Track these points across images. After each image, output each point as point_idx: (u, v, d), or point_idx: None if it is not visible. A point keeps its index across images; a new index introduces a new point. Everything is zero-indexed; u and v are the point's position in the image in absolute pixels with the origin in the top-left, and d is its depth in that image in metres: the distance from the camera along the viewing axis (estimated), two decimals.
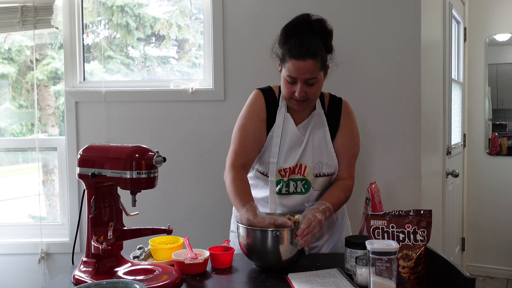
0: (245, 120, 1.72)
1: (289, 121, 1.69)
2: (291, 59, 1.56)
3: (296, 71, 1.56)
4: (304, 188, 1.70)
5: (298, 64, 1.55)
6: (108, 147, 1.45)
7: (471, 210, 3.95)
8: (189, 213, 2.55)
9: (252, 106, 1.72)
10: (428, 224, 1.34)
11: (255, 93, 1.75)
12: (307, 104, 1.66)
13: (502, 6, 3.79)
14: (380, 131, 2.47)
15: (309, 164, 1.68)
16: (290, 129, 1.69)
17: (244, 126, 1.70)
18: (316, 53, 1.56)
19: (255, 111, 1.71)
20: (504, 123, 3.93)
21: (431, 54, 2.71)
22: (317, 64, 1.57)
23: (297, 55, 1.55)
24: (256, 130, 1.69)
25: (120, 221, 1.50)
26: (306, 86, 1.59)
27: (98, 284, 1.24)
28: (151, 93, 2.54)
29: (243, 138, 1.69)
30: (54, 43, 2.75)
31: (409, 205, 2.27)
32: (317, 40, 1.59)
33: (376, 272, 1.19)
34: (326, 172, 1.70)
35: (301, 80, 1.58)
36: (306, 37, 1.58)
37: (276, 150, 1.67)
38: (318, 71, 1.59)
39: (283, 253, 1.44)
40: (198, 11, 2.62)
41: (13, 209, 2.78)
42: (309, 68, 1.56)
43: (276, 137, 1.68)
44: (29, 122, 2.81)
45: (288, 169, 1.67)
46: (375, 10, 2.45)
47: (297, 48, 1.55)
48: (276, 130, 1.69)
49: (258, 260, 1.50)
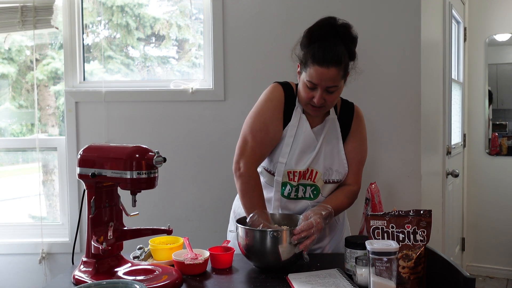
0: (265, 116, 1.64)
1: (304, 123, 1.65)
2: (314, 65, 1.51)
3: (318, 78, 1.52)
4: (313, 194, 1.67)
5: (321, 71, 1.50)
6: (108, 147, 1.45)
7: (471, 210, 3.95)
8: (189, 213, 2.55)
9: (272, 101, 1.65)
10: (428, 224, 1.34)
11: (274, 86, 1.68)
12: (323, 110, 1.63)
13: (502, 6, 3.79)
14: (380, 131, 2.47)
15: (320, 170, 1.65)
16: (305, 132, 1.64)
17: (265, 123, 1.63)
18: (340, 60, 1.51)
19: (276, 107, 1.64)
20: (504, 123, 3.93)
21: (431, 54, 2.71)
22: (340, 72, 1.53)
23: (321, 62, 1.50)
24: (276, 129, 1.64)
25: (120, 221, 1.50)
26: (325, 93, 1.55)
27: (98, 284, 1.24)
28: (151, 93, 2.54)
29: (263, 136, 1.62)
30: (54, 43, 2.75)
31: (409, 205, 2.27)
32: (341, 46, 1.53)
33: (376, 272, 1.19)
34: (335, 179, 1.68)
35: (322, 87, 1.53)
36: (330, 42, 1.52)
37: (286, 151, 1.63)
38: (340, 79, 1.55)
39: (282, 254, 1.43)
40: (198, 11, 2.63)
41: (13, 209, 2.78)
42: (332, 76, 1.51)
43: (289, 137, 1.64)
44: (29, 122, 2.81)
45: (298, 172, 1.64)
46: (375, 10, 2.45)
47: (321, 54, 1.50)
48: (290, 130, 1.64)
49: (257, 261, 1.50)
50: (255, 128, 1.63)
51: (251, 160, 1.62)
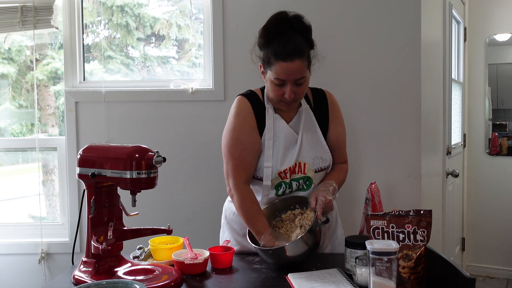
0: (237, 132, 1.64)
1: (279, 122, 1.66)
2: (278, 62, 1.52)
3: (285, 73, 1.53)
4: (306, 185, 1.69)
5: (286, 65, 1.51)
6: (108, 147, 1.45)
7: (471, 210, 3.95)
8: (189, 213, 2.55)
9: (240, 115, 1.65)
10: (428, 224, 1.34)
11: (239, 100, 1.68)
12: (295, 103, 1.64)
13: (502, 6, 3.79)
14: (380, 131, 2.47)
15: (307, 161, 1.66)
16: (283, 129, 1.65)
17: (238, 139, 1.63)
18: (302, 51, 1.53)
19: (245, 120, 1.64)
20: (504, 123, 3.93)
21: (431, 54, 2.71)
22: (304, 63, 1.54)
23: (284, 57, 1.51)
24: (251, 140, 1.63)
25: (120, 221, 1.50)
26: (295, 86, 1.56)
27: (98, 284, 1.24)
28: (151, 93, 2.54)
29: (240, 152, 1.62)
30: (54, 43, 2.75)
31: (409, 205, 2.27)
32: (299, 37, 1.55)
33: (376, 272, 1.19)
34: (323, 166, 1.70)
35: (291, 81, 1.54)
36: (288, 35, 1.54)
37: (269, 154, 1.63)
38: (306, 69, 1.56)
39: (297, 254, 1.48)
40: (198, 11, 2.62)
41: (13, 209, 2.78)
42: (298, 68, 1.53)
43: (269, 140, 1.64)
44: (29, 122, 2.81)
45: (288, 169, 1.64)
46: (375, 10, 2.45)
47: (282, 49, 1.51)
48: (268, 133, 1.64)
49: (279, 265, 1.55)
50: (231, 146, 1.64)
51: (237, 178, 1.62)
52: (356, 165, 1.97)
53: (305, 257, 1.50)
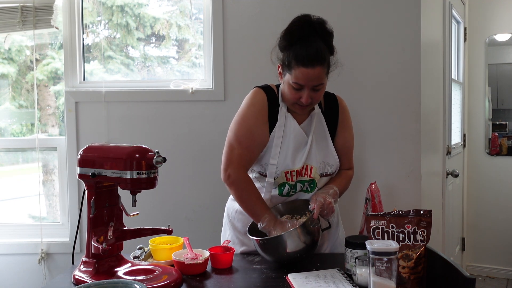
0: (250, 122, 1.63)
1: (291, 121, 1.66)
2: (299, 67, 1.51)
3: (305, 78, 1.52)
4: (310, 187, 1.69)
5: (307, 71, 1.51)
6: (108, 147, 1.45)
7: (471, 210, 3.95)
8: (189, 213, 2.55)
9: (255, 106, 1.65)
10: (428, 224, 1.34)
11: (256, 91, 1.68)
12: (310, 107, 1.65)
13: (502, 6, 3.79)
14: (380, 131, 2.47)
15: (314, 165, 1.66)
16: (294, 129, 1.65)
17: (250, 130, 1.63)
18: (324, 58, 1.52)
19: (260, 112, 1.64)
20: (504, 123, 3.93)
21: (431, 54, 2.71)
22: (324, 70, 1.54)
23: (305, 62, 1.50)
24: (262, 134, 1.63)
25: (120, 221, 1.50)
26: (312, 91, 1.56)
27: (98, 284, 1.24)
28: (151, 93, 2.54)
29: (249, 142, 1.62)
30: (54, 43, 2.75)
31: (409, 205, 2.27)
32: (321, 43, 1.54)
33: (376, 272, 1.19)
34: (329, 171, 1.70)
35: (309, 86, 1.54)
36: (311, 40, 1.52)
37: (276, 152, 1.63)
38: (325, 76, 1.56)
39: (296, 249, 1.48)
40: (198, 11, 2.63)
41: (13, 209, 2.78)
42: (318, 75, 1.52)
43: (278, 138, 1.63)
44: (29, 122, 2.81)
45: (295, 172, 1.64)
46: (375, 10, 2.45)
47: (304, 54, 1.50)
48: (278, 131, 1.64)
49: (277, 261, 1.56)
50: (240, 135, 1.63)
51: (239, 166, 1.62)
52: (356, 165, 1.97)
53: (303, 254, 1.50)
